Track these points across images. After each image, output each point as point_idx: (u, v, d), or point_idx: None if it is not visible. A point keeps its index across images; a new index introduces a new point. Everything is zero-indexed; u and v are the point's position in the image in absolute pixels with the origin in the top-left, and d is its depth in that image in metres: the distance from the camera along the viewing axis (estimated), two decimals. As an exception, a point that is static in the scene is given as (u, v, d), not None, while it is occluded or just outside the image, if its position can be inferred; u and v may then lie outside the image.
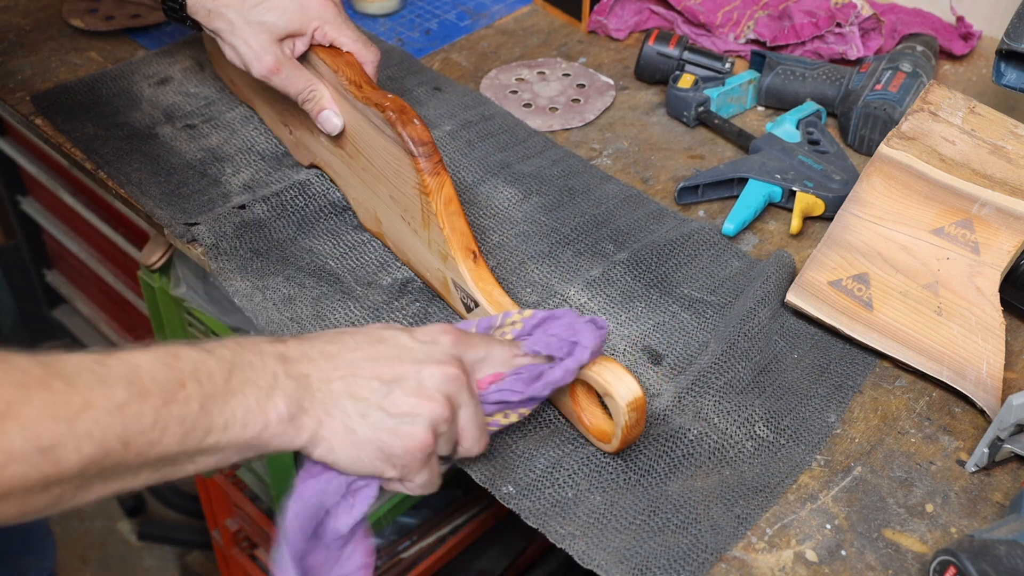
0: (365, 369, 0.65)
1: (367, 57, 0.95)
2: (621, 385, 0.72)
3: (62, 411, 0.53)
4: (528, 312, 0.75)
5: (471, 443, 0.70)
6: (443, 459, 0.71)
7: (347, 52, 0.95)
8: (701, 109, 1.14)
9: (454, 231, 0.84)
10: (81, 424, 0.54)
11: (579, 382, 0.76)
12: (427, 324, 0.70)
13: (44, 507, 0.55)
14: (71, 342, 1.99)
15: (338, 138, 0.96)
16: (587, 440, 0.79)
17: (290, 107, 1.01)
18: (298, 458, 0.85)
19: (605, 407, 0.78)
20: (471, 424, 0.69)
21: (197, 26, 0.97)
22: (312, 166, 1.04)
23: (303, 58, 0.96)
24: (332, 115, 0.94)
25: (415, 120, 0.84)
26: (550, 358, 0.73)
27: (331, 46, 0.95)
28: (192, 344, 0.61)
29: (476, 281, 0.84)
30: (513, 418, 0.74)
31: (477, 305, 0.84)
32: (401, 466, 0.66)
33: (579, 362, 0.72)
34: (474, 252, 0.84)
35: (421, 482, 0.68)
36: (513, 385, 0.72)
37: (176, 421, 0.57)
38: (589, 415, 0.78)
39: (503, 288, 0.85)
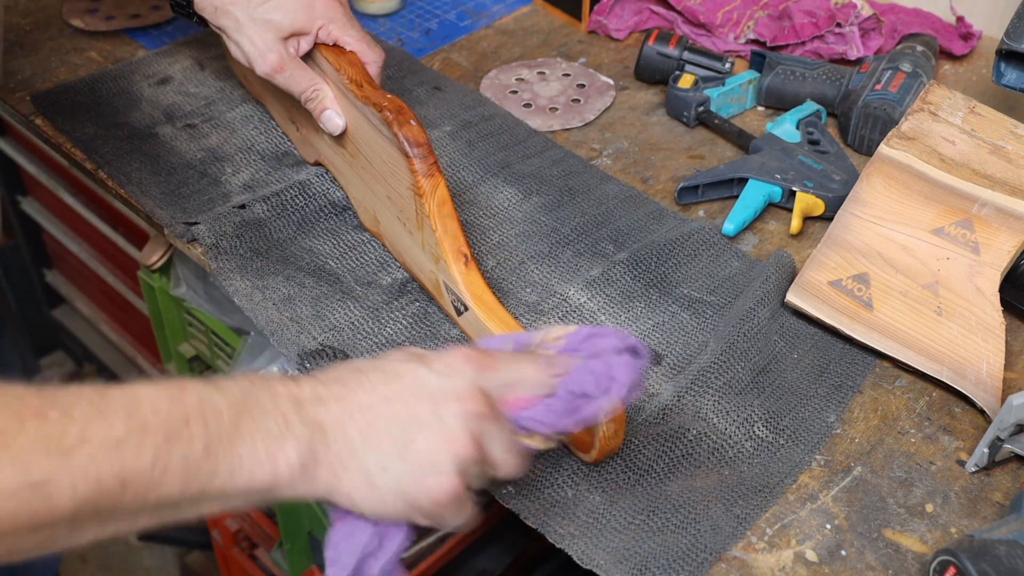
0: (382, 413, 0.60)
1: (371, 57, 0.95)
2: None
3: (56, 444, 0.50)
4: (572, 327, 0.70)
5: (509, 469, 0.64)
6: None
7: (351, 51, 0.95)
8: (701, 109, 1.14)
9: (446, 233, 0.84)
10: (76, 459, 0.50)
11: None
12: (447, 347, 0.64)
13: (33, 548, 0.51)
14: (71, 342, 1.99)
15: (340, 137, 0.96)
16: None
17: (297, 104, 1.02)
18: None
19: None
20: (505, 452, 0.63)
21: (204, 23, 0.97)
22: (317, 164, 1.04)
23: (307, 56, 0.96)
24: (334, 115, 0.94)
25: (411, 121, 0.84)
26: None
27: (335, 45, 0.95)
28: (201, 379, 0.57)
29: (467, 285, 0.84)
30: (539, 443, 0.68)
31: (467, 308, 0.84)
32: (431, 515, 0.61)
33: (613, 401, 0.67)
34: (466, 255, 0.84)
35: (456, 523, 0.62)
36: (544, 416, 0.66)
37: (178, 462, 0.53)
38: None
39: (499, 291, 0.86)
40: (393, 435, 0.59)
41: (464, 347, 0.64)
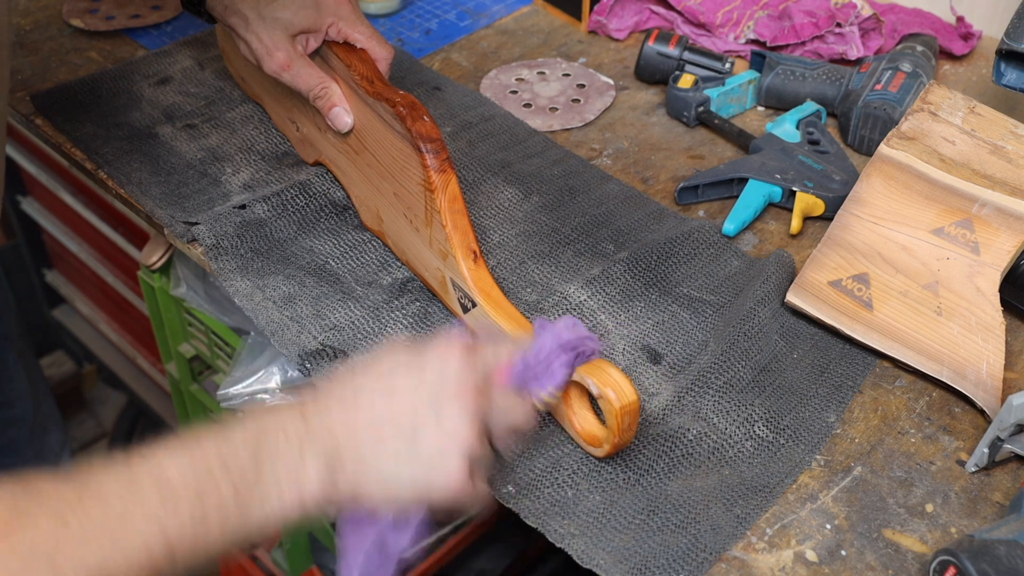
0: (389, 424, 0.64)
1: (380, 54, 0.95)
2: (617, 387, 0.72)
3: (102, 532, 0.53)
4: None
5: (518, 426, 0.69)
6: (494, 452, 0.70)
7: (361, 48, 0.95)
8: (701, 109, 1.14)
9: (456, 229, 0.84)
10: (124, 541, 0.54)
11: (573, 384, 0.76)
12: (435, 336, 0.68)
13: None
14: (71, 342, 1.99)
15: (345, 134, 0.96)
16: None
17: (299, 104, 1.02)
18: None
19: (596, 412, 0.78)
20: (508, 417, 0.68)
21: (213, 20, 0.98)
22: (316, 163, 1.04)
23: (316, 54, 0.96)
24: (343, 112, 0.94)
25: (425, 117, 0.84)
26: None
27: (345, 42, 0.95)
28: (213, 429, 0.60)
29: (475, 281, 0.84)
30: (543, 399, 0.70)
31: (474, 305, 0.84)
32: (447, 501, 0.65)
33: (591, 351, 0.71)
34: (475, 252, 0.84)
35: (473, 507, 0.67)
36: (532, 369, 0.69)
37: (213, 512, 0.57)
38: (580, 419, 0.77)
39: (502, 289, 0.86)
40: (402, 439, 0.64)
41: (450, 337, 0.68)
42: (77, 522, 0.53)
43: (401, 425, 0.64)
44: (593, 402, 0.77)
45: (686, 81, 1.15)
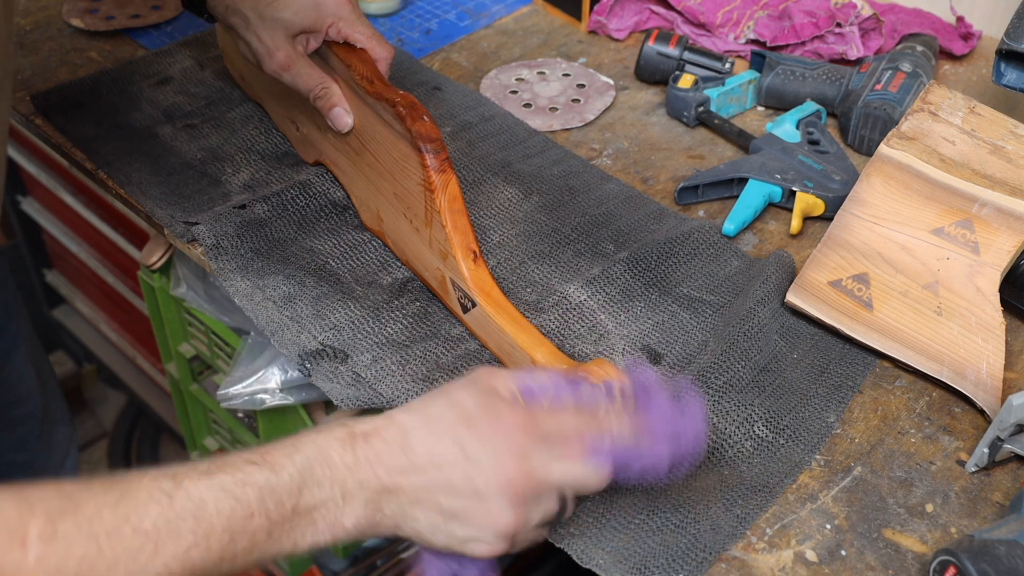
0: (428, 497, 0.64)
1: (380, 53, 0.95)
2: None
3: (134, 562, 0.55)
4: (615, 372, 0.71)
5: (588, 490, 0.67)
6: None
7: (361, 48, 0.95)
8: (701, 109, 1.14)
9: (456, 229, 0.84)
10: (151, 570, 0.55)
11: None
12: (503, 411, 0.65)
13: None
14: (71, 342, 1.99)
15: (346, 134, 0.96)
16: None
17: (299, 103, 1.02)
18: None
19: None
20: (579, 483, 0.66)
21: (214, 19, 0.98)
22: (316, 163, 1.04)
23: (317, 54, 0.97)
24: (343, 112, 0.94)
25: (424, 117, 0.84)
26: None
27: (345, 43, 0.96)
28: (261, 458, 0.60)
29: (475, 281, 0.84)
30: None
31: (474, 305, 0.84)
32: (487, 553, 0.66)
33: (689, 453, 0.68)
34: (475, 252, 0.84)
35: (521, 547, 0.67)
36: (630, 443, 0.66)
37: (243, 551, 0.58)
38: None
39: (502, 289, 0.86)
40: (440, 514, 0.64)
41: (517, 411, 0.65)
42: (110, 549, 0.54)
43: (440, 507, 0.64)
44: None
45: (686, 81, 1.15)
